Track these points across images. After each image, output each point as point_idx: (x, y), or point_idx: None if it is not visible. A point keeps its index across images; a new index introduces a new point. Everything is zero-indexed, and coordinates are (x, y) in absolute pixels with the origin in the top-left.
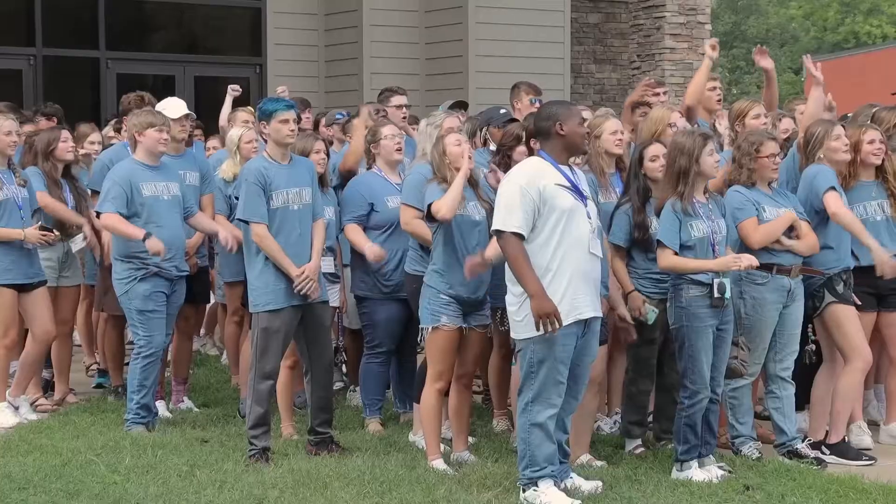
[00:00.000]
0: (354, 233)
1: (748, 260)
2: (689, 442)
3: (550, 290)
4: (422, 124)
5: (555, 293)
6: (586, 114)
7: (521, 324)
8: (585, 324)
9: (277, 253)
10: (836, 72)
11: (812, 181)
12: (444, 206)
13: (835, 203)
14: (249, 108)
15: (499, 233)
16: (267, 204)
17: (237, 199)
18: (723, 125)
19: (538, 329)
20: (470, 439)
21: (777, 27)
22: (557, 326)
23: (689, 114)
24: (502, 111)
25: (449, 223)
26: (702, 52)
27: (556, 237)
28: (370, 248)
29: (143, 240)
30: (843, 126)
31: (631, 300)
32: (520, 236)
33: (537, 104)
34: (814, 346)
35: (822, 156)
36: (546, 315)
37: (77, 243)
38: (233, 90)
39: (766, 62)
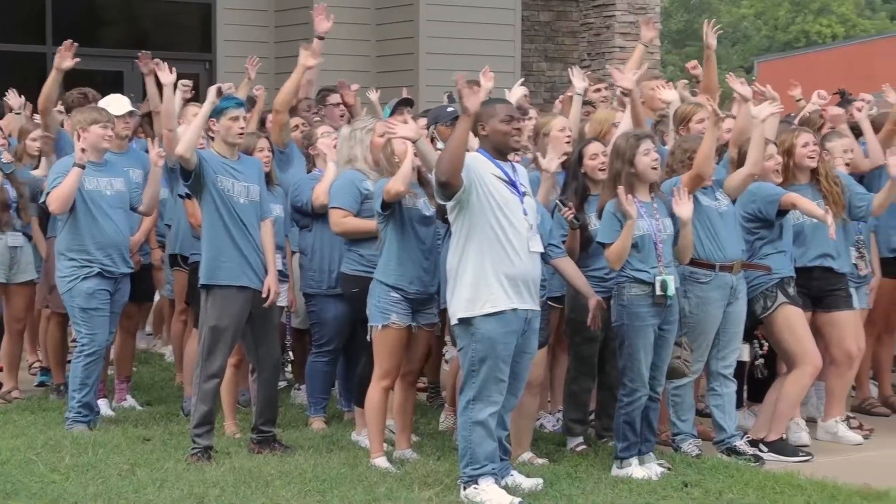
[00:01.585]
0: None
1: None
2: (628, 439)
3: (485, 281)
4: (345, 130)
5: (491, 282)
6: (532, 112)
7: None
8: (526, 320)
9: None
10: (787, 71)
11: (757, 191)
12: (397, 181)
13: (795, 196)
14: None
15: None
16: (213, 186)
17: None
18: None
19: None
20: (413, 437)
21: (729, 26)
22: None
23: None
24: (450, 109)
25: (401, 215)
26: (651, 52)
27: (493, 228)
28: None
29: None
30: (774, 144)
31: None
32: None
33: None
34: (763, 360)
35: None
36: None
37: (13, 238)
38: (183, 86)
39: (711, 40)
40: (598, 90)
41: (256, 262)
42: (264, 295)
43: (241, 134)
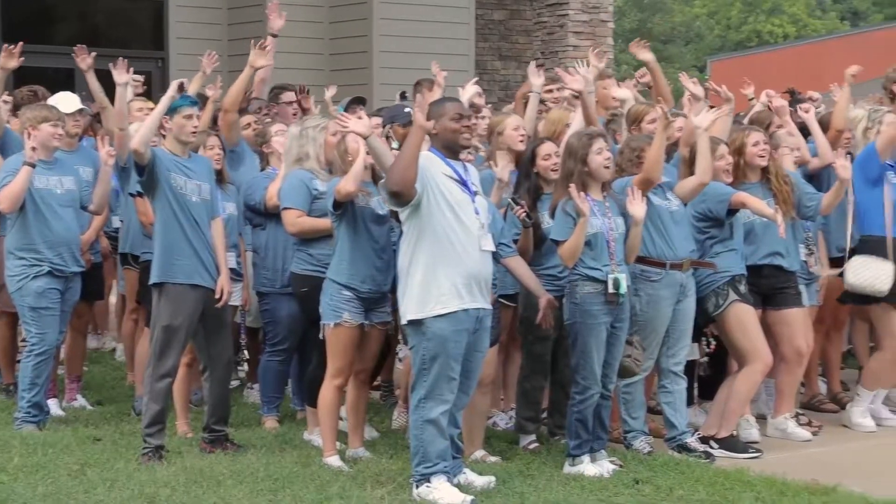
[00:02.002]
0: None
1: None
2: (580, 437)
3: (436, 282)
4: (294, 129)
5: (442, 282)
6: (485, 111)
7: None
8: (477, 319)
9: None
10: (739, 70)
11: (707, 191)
12: (348, 182)
13: (745, 196)
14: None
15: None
16: (167, 184)
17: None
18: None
19: None
20: (367, 435)
21: (682, 25)
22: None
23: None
24: (407, 110)
25: (353, 214)
26: (605, 51)
27: (444, 228)
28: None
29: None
30: (725, 144)
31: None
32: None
33: None
34: (707, 358)
35: None
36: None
37: None
38: (134, 81)
39: (645, 55)
40: (550, 90)
41: (209, 260)
42: (217, 295)
43: (194, 132)
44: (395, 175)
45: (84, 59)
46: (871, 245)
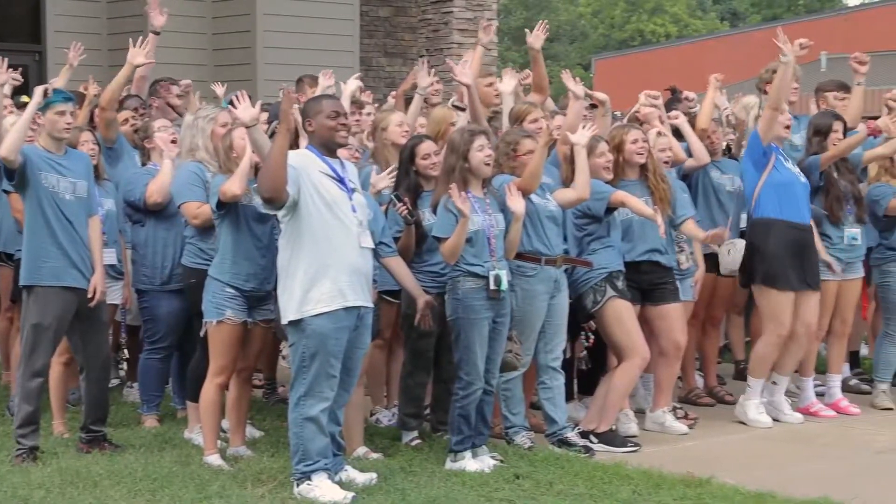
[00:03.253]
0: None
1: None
2: (462, 433)
3: (316, 281)
4: (188, 118)
5: (322, 281)
6: (369, 108)
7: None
8: (358, 316)
9: None
10: (623, 68)
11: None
12: (234, 184)
13: (623, 195)
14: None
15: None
16: (37, 184)
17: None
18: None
19: None
20: (256, 432)
21: (567, 24)
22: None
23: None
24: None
25: (236, 212)
26: (489, 49)
27: (322, 226)
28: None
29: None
30: (605, 142)
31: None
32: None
33: None
34: (586, 352)
35: None
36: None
37: None
38: (14, 80)
39: (538, 43)
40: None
41: (82, 260)
42: (90, 294)
43: (68, 128)
44: (265, 180)
45: (16, 79)
46: (759, 227)
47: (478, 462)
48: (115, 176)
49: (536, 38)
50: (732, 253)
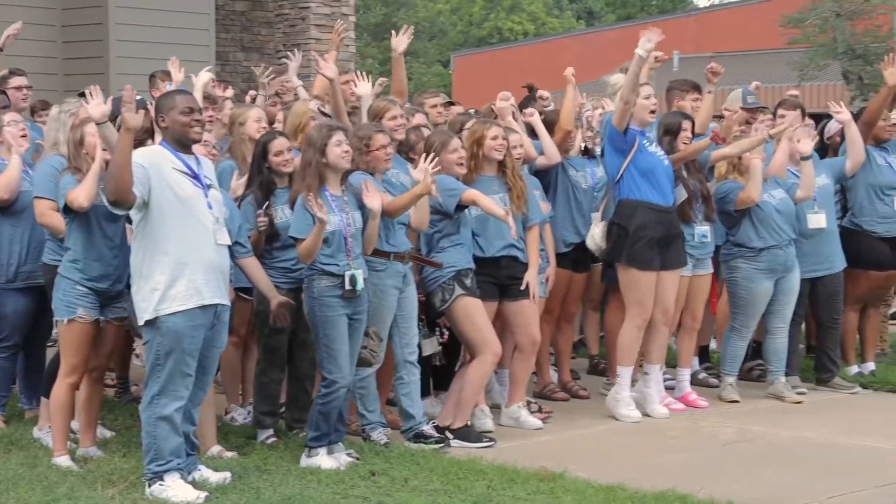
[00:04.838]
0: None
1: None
2: (320, 430)
3: (171, 279)
4: (53, 111)
5: (177, 279)
6: (227, 104)
7: (146, 304)
8: (215, 314)
9: None
10: (482, 65)
11: (437, 185)
12: (82, 194)
13: (475, 194)
14: None
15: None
16: None
17: None
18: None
19: None
20: (108, 433)
21: (426, 20)
22: None
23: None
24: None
25: (86, 212)
26: (346, 45)
27: (177, 224)
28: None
29: None
30: (458, 138)
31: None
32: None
33: None
34: (441, 348)
35: (438, 168)
36: None
37: None
38: None
39: (402, 45)
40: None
41: None
42: None
43: None
44: (109, 183)
45: None
46: (624, 208)
47: (333, 459)
48: None
49: (401, 41)
50: (600, 230)
